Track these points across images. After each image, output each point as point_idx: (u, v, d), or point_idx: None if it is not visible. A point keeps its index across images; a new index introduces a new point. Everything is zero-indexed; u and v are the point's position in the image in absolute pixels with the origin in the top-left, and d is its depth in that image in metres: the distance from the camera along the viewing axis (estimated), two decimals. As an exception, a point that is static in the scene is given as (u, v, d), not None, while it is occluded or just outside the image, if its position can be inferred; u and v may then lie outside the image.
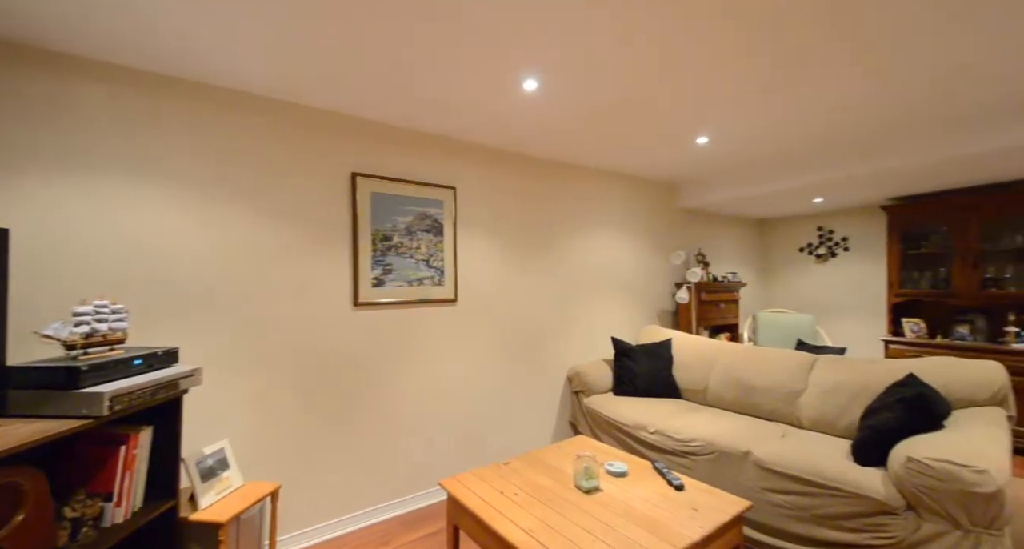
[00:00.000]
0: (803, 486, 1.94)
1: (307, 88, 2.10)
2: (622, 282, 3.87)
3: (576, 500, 1.72)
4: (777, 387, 2.65)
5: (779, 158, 3.41)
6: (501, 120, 2.54)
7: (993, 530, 1.52)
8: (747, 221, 5.35)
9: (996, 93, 2.25)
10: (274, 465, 2.19)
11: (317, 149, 2.34)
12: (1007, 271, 3.50)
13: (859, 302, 4.61)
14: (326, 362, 2.34)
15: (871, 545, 1.74)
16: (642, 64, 1.92)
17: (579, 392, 3.24)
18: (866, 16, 1.59)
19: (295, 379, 2.25)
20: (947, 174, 3.15)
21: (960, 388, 2.13)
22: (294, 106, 2.28)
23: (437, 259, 2.72)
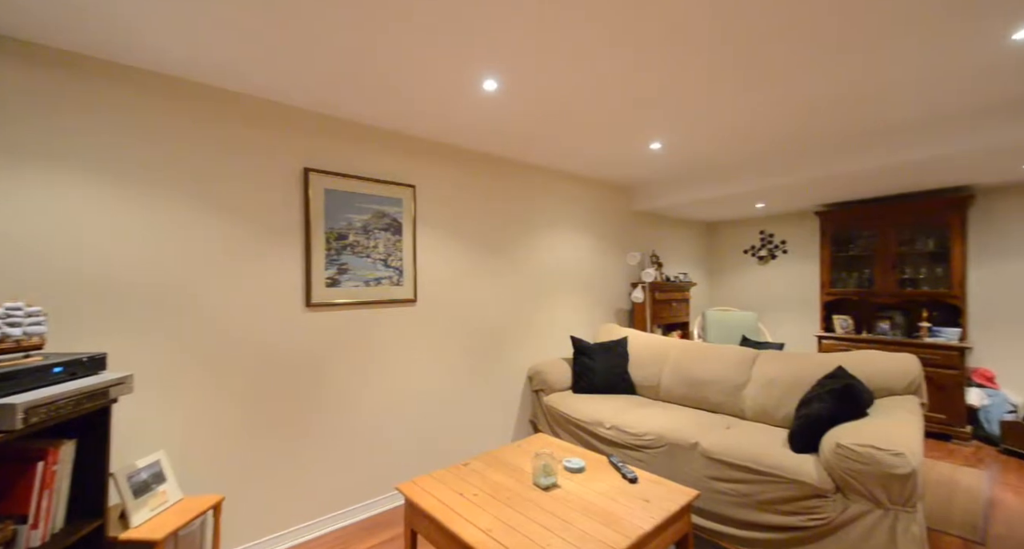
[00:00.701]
0: (745, 474, 2.07)
1: (254, 78, 1.99)
2: (581, 282, 3.95)
3: (535, 498, 1.75)
4: (723, 381, 2.81)
5: (726, 166, 3.60)
6: (462, 119, 2.53)
7: (908, 507, 1.68)
8: (697, 224, 5.62)
9: (908, 111, 2.49)
10: (218, 476, 2.06)
11: (268, 142, 2.22)
12: (921, 272, 3.89)
13: (796, 300, 4.97)
14: (276, 365, 2.23)
15: (805, 527, 1.89)
16: (599, 72, 1.97)
17: (539, 391, 3.28)
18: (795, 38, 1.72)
19: (241, 384, 2.13)
20: (869, 183, 3.45)
21: (881, 379, 2.35)
22: (243, 97, 2.15)
23: (396, 259, 2.66)
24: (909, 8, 1.54)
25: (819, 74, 2.03)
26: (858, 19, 1.61)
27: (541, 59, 1.87)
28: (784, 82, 2.10)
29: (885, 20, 1.62)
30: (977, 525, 2.28)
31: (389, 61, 1.87)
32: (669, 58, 1.87)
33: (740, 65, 1.94)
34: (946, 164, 2.86)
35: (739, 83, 2.11)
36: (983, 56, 1.88)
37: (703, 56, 1.86)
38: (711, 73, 2.01)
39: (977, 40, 1.75)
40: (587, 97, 2.25)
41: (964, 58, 1.89)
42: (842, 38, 1.73)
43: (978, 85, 2.16)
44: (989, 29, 1.67)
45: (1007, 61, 1.92)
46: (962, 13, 1.57)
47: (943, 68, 1.98)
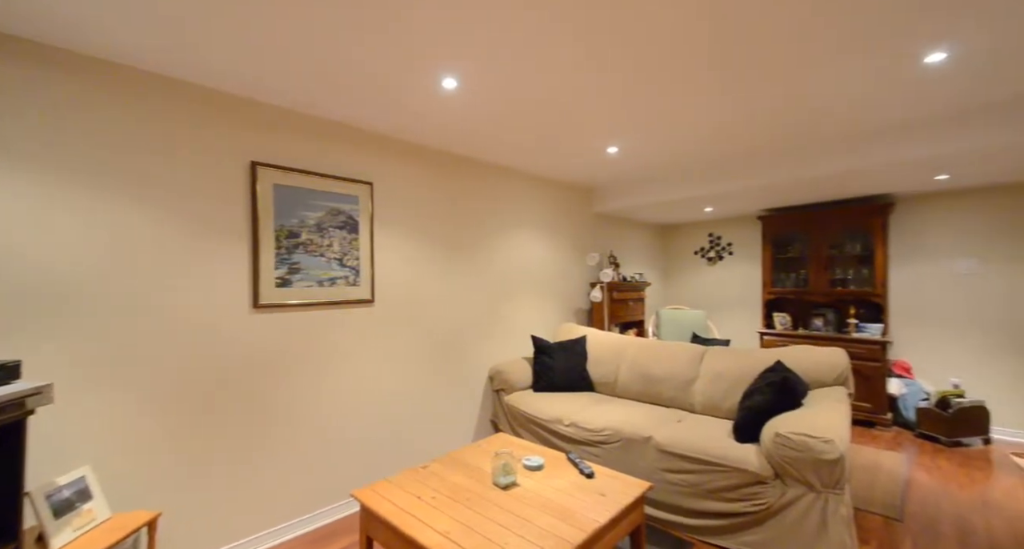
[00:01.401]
0: (694, 465, 2.18)
1: (198, 66, 1.87)
2: (542, 282, 4.00)
3: (494, 497, 1.75)
4: (674, 377, 2.94)
5: (677, 171, 3.77)
6: (422, 117, 2.49)
7: (837, 490, 1.83)
8: (652, 226, 5.84)
9: (838, 126, 2.72)
10: (155, 490, 1.91)
11: (212, 134, 2.09)
12: (849, 273, 4.24)
13: (741, 299, 5.28)
14: (221, 370, 2.11)
15: (748, 512, 2.01)
16: (557, 76, 2.00)
17: (500, 390, 3.29)
18: (741, 57, 1.83)
19: (182, 391, 1.99)
20: (805, 191, 3.73)
21: (814, 371, 2.54)
22: (184, 84, 2.01)
23: (352, 258, 2.58)
24: (838, 33, 1.68)
25: (761, 90, 2.16)
26: (795, 43, 1.73)
27: (500, 59, 1.87)
28: (730, 96, 2.23)
29: (817, 45, 1.75)
30: (896, 504, 2.52)
31: (343, 54, 1.81)
32: (624, 68, 1.94)
33: (690, 78, 2.03)
34: (871, 174, 3.13)
35: (690, 95, 2.22)
36: (900, 77, 2.08)
37: (656, 68, 1.94)
38: (663, 85, 2.10)
39: (895, 63, 1.93)
40: (546, 100, 2.28)
41: (884, 79, 2.08)
42: (783, 58, 1.86)
43: (896, 103, 2.39)
44: (905, 53, 1.85)
45: (920, 82, 2.13)
46: (881, 39, 1.73)
47: (867, 88, 2.17)
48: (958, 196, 3.81)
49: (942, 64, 1.94)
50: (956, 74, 2.04)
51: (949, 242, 3.85)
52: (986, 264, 3.67)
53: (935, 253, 3.92)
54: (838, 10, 1.55)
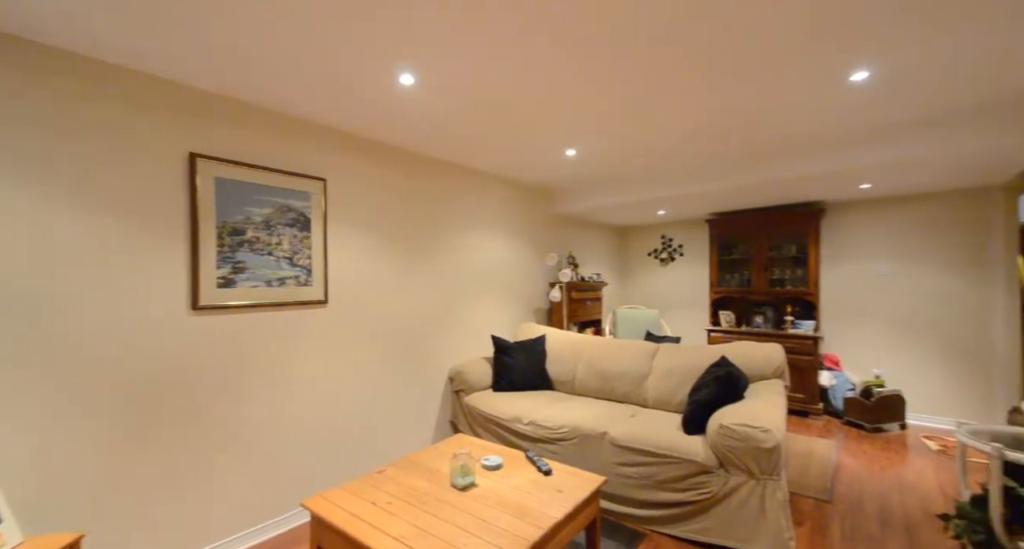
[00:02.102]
0: (646, 457, 2.26)
1: (134, 49, 1.72)
2: (503, 282, 4.01)
3: (451, 499, 1.74)
4: (629, 373, 3.04)
5: (632, 176, 3.90)
6: (379, 112, 2.43)
7: (774, 476, 1.97)
8: (610, 228, 6.01)
9: (775, 137, 2.92)
10: (79, 510, 1.74)
11: (144, 122, 1.93)
12: (786, 274, 4.57)
13: (690, 298, 5.54)
14: (154, 377, 1.95)
15: (695, 501, 2.11)
16: (517, 77, 2.02)
17: (460, 391, 3.27)
18: (691, 67, 1.92)
19: (110, 401, 1.83)
20: (747, 196, 3.97)
21: (755, 366, 2.71)
22: (109, 67, 1.85)
23: (303, 257, 2.48)
24: (773, 50, 1.80)
25: (707, 102, 2.28)
26: (735, 58, 1.84)
27: (459, 57, 1.86)
28: (680, 107, 2.33)
29: (754, 61, 1.87)
30: (827, 487, 2.74)
31: (292, 43, 1.73)
32: (579, 75, 1.98)
33: (642, 88, 2.11)
34: (805, 182, 3.39)
35: (641, 104, 2.30)
36: (829, 93, 2.26)
37: (609, 77, 2.00)
38: (616, 93, 2.16)
39: (825, 80, 2.10)
40: (504, 101, 2.29)
41: (816, 94, 2.26)
42: (725, 72, 1.97)
43: (828, 117, 2.59)
44: (832, 71, 2.02)
45: (847, 98, 2.33)
46: (811, 57, 1.88)
47: (801, 102, 2.34)
48: (879, 204, 4.19)
49: (865, 82, 2.13)
50: (878, 92, 2.25)
51: (871, 246, 4.23)
52: (901, 266, 4.07)
53: (859, 255, 4.29)
54: (771, 30, 1.67)
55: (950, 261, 3.84)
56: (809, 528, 2.29)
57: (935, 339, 3.90)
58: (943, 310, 3.86)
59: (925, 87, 2.20)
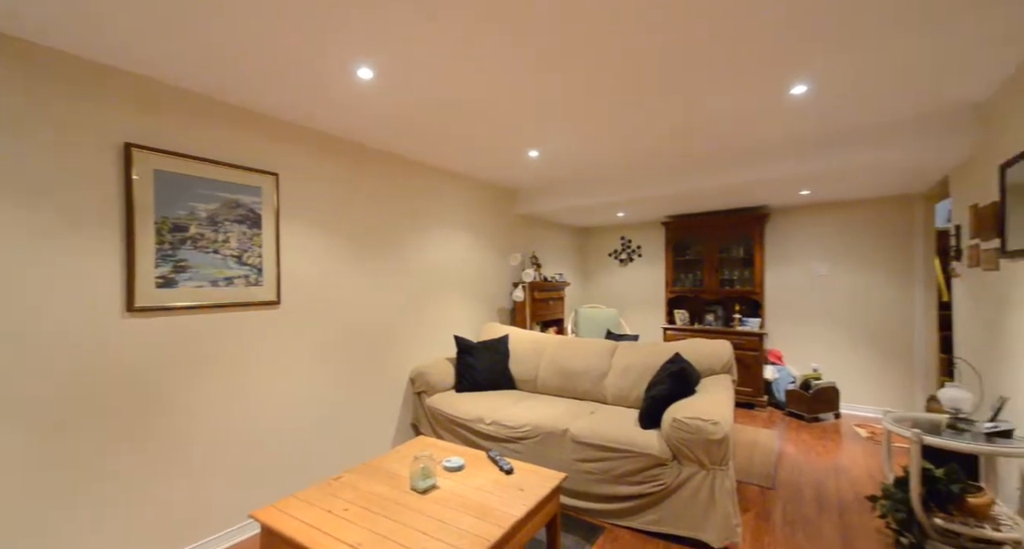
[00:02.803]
0: (605, 452, 2.32)
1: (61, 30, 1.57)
2: (466, 282, 3.98)
3: (412, 503, 1.71)
4: (589, 371, 3.11)
5: (594, 178, 3.99)
6: (336, 106, 2.35)
7: (723, 466, 2.07)
8: (572, 229, 6.11)
9: (725, 145, 3.08)
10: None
11: (75, 109, 1.77)
12: (735, 274, 4.82)
13: (648, 297, 5.74)
14: (84, 384, 1.79)
15: (651, 492, 2.19)
16: (479, 76, 2.01)
17: (422, 392, 3.21)
18: (651, 74, 1.99)
19: (29, 413, 1.66)
20: (699, 200, 4.16)
21: (706, 361, 2.85)
22: (41, 50, 1.68)
23: (253, 255, 2.35)
24: (723, 63, 1.90)
25: (664, 109, 2.37)
26: (690, 70, 1.93)
27: (419, 54, 1.83)
28: (639, 112, 2.41)
29: (707, 73, 1.96)
30: (770, 474, 2.91)
31: (244, 31, 1.64)
32: (543, 78, 2.00)
33: (604, 93, 2.16)
34: (751, 187, 3.59)
35: (603, 108, 2.36)
36: (773, 104, 2.40)
37: (572, 80, 2.03)
38: (579, 97, 2.21)
39: (769, 92, 2.24)
40: (467, 99, 2.28)
41: (762, 105, 2.40)
42: (680, 82, 2.05)
43: (772, 127, 2.76)
44: (774, 84, 2.15)
45: (788, 110, 2.49)
46: (757, 70, 2.00)
47: (749, 112, 2.48)
48: (817, 209, 4.52)
49: (804, 96, 2.28)
50: (815, 106, 2.42)
51: (810, 248, 4.55)
52: (836, 267, 4.40)
53: (799, 257, 4.61)
54: (722, 42, 1.76)
55: (878, 262, 4.20)
56: (754, 514, 2.43)
57: (865, 334, 4.24)
58: (872, 308, 4.22)
59: (855, 103, 2.39)
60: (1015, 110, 2.06)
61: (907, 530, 2.02)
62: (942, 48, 1.84)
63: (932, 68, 2.01)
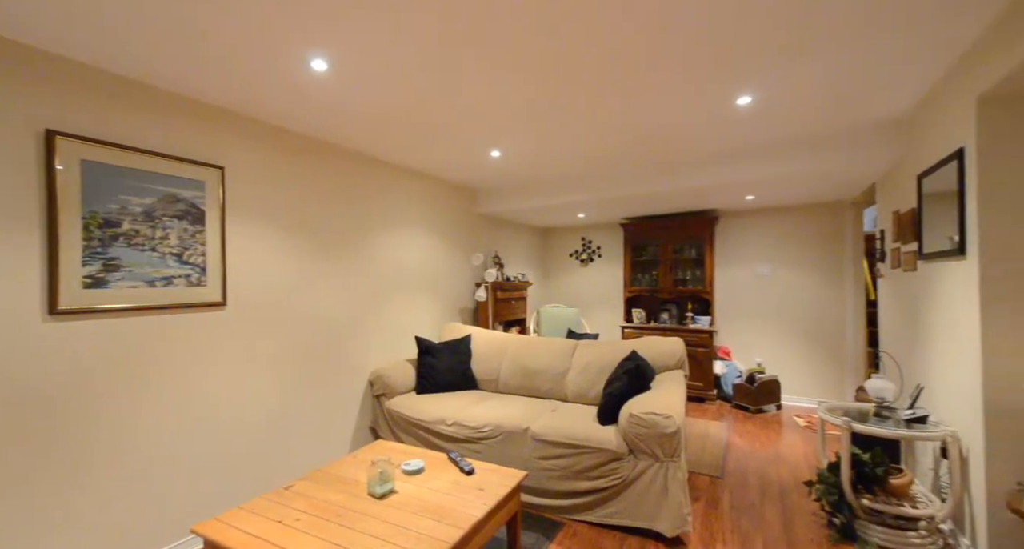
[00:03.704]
0: (565, 449, 2.36)
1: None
2: (427, 282, 3.92)
3: (369, 508, 1.66)
4: (550, 370, 3.15)
5: (555, 179, 4.04)
6: (289, 98, 2.24)
7: (675, 458, 2.16)
8: (534, 229, 6.17)
9: (678, 151, 3.21)
10: None
11: (-24, 86, 1.59)
12: (688, 274, 5.05)
13: (607, 296, 5.89)
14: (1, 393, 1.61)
15: (608, 486, 2.25)
16: (440, 71, 1.99)
17: (381, 395, 3.14)
18: (609, 79, 2.05)
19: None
20: (655, 203, 4.32)
21: (660, 358, 2.96)
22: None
23: (196, 253, 2.21)
24: (675, 73, 1.98)
25: (622, 115, 2.44)
26: (644, 75, 2.00)
27: (377, 47, 1.79)
28: (599, 117, 2.47)
29: (659, 79, 2.04)
30: (719, 464, 3.07)
31: (182, 11, 1.54)
32: (503, 77, 2.01)
33: (564, 96, 2.20)
34: (701, 192, 3.77)
35: (565, 111, 2.39)
36: (721, 114, 2.53)
37: (533, 83, 2.05)
38: (540, 99, 2.23)
39: (717, 102, 2.35)
40: (426, 97, 2.25)
41: (711, 114, 2.52)
42: (636, 91, 2.12)
43: (719, 135, 2.91)
44: (721, 95, 2.27)
45: (735, 119, 2.63)
46: (704, 82, 2.10)
47: (699, 121, 2.60)
48: (761, 213, 4.81)
49: (749, 106, 2.42)
50: (759, 116, 2.57)
51: (755, 249, 4.84)
52: (777, 268, 4.71)
53: (745, 258, 4.88)
54: (674, 54, 1.83)
55: (814, 264, 4.52)
56: (704, 502, 2.55)
57: (803, 330, 4.56)
58: (809, 306, 4.54)
59: (794, 115, 2.56)
60: (930, 124, 2.28)
61: (839, 511, 2.19)
62: (870, 66, 2.00)
63: (861, 85, 2.19)
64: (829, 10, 1.57)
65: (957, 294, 1.99)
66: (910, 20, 1.65)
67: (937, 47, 1.85)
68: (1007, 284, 1.77)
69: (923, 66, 2.01)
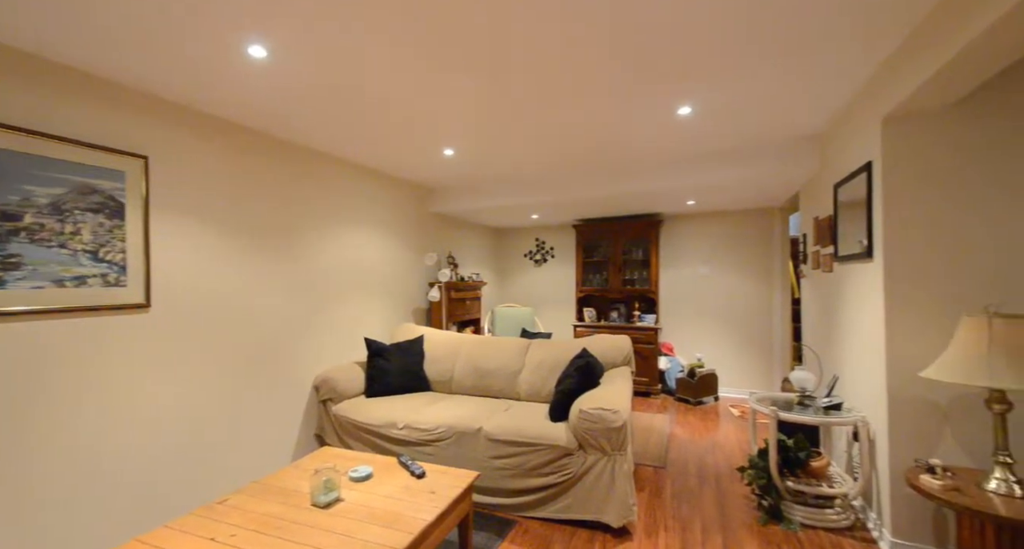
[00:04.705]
0: (517, 448, 2.38)
1: None
2: (379, 282, 3.81)
3: (312, 519, 1.59)
4: (504, 369, 3.16)
5: (509, 180, 4.07)
6: (224, 85, 2.09)
7: (622, 451, 2.24)
8: (488, 229, 6.17)
9: (624, 158, 3.34)
10: None
11: None
12: (635, 274, 5.26)
13: (561, 296, 6.02)
14: None
15: (559, 482, 2.30)
16: (387, 68, 1.94)
17: (327, 400, 3.01)
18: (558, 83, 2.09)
19: None
20: (605, 205, 4.47)
21: (609, 355, 3.06)
22: None
23: (114, 251, 2.01)
24: (621, 80, 2.06)
25: (572, 119, 2.50)
26: (591, 82, 2.06)
27: (319, 37, 1.71)
28: (549, 120, 2.51)
29: (605, 84, 2.12)
30: (662, 455, 3.22)
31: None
32: (454, 76, 2.00)
33: (515, 95, 2.22)
34: (647, 196, 3.94)
35: (516, 111, 2.42)
36: (665, 122, 2.67)
37: (483, 83, 2.05)
38: (492, 98, 2.23)
39: (661, 111, 2.47)
40: (375, 91, 2.18)
41: (656, 122, 2.65)
42: (584, 97, 2.18)
43: (662, 143, 3.06)
44: (664, 104, 2.39)
45: (677, 128, 2.78)
46: (648, 93, 2.20)
47: (645, 128, 2.72)
48: (700, 217, 5.10)
49: (689, 116, 2.57)
50: (698, 126, 2.73)
51: (695, 251, 5.13)
52: (715, 269, 5.02)
53: (687, 259, 5.17)
54: (620, 65, 1.91)
55: (747, 265, 4.87)
56: (648, 492, 2.67)
57: (737, 327, 4.90)
58: (742, 304, 4.88)
59: (728, 127, 2.75)
60: (844, 140, 2.53)
61: (767, 494, 2.37)
62: (793, 87, 2.19)
63: (786, 103, 2.39)
64: (754, 34, 1.70)
65: (866, 293, 2.22)
66: (823, 48, 1.82)
67: (845, 75, 2.06)
68: (907, 284, 1.99)
69: (837, 89, 2.23)
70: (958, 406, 1.91)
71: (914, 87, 1.71)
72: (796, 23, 1.64)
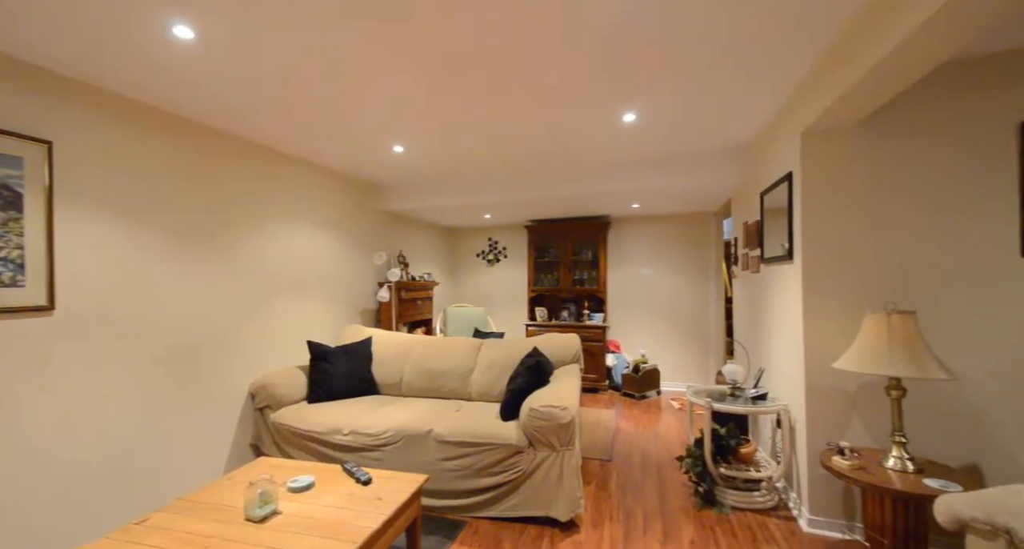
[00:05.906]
0: (467, 449, 2.37)
1: None
2: (325, 282, 3.64)
3: (245, 535, 1.49)
4: (455, 370, 3.14)
5: (460, 179, 4.04)
6: (146, 68, 1.91)
7: (570, 446, 2.30)
8: (440, 228, 6.09)
9: (570, 159, 3.43)
10: None
11: None
12: (585, 274, 5.41)
13: (513, 296, 6.06)
14: None
15: (509, 480, 2.31)
16: (333, 63, 1.86)
17: (265, 407, 2.83)
18: (509, 84, 2.11)
19: None
20: (555, 206, 4.56)
21: (559, 354, 3.13)
22: None
23: (9, 246, 1.77)
24: (572, 86, 2.12)
25: (522, 120, 2.53)
26: (536, 89, 2.10)
27: (253, 19, 1.61)
28: (500, 120, 2.53)
29: (553, 90, 2.16)
30: (608, 448, 3.34)
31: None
32: (405, 72, 1.95)
33: (468, 95, 2.21)
34: (594, 198, 4.07)
35: (469, 111, 2.41)
36: (611, 128, 2.76)
37: (437, 80, 2.03)
38: (445, 97, 2.21)
39: (607, 116, 2.56)
40: (317, 80, 2.09)
41: (603, 127, 2.74)
42: (533, 100, 2.22)
43: (609, 147, 3.17)
44: (610, 110, 2.48)
45: (622, 134, 2.89)
46: (593, 98, 2.27)
47: (593, 133, 2.81)
48: (645, 220, 5.34)
49: (634, 123, 2.68)
50: (641, 132, 2.86)
51: (639, 253, 5.36)
52: (657, 269, 5.28)
53: (632, 260, 5.40)
54: (566, 70, 1.96)
55: (685, 265, 5.16)
56: (595, 485, 2.76)
57: (677, 324, 5.18)
58: (681, 302, 5.17)
59: (667, 134, 2.90)
60: (769, 151, 2.75)
61: (703, 481, 2.53)
62: (723, 100, 2.35)
63: (719, 115, 2.56)
64: (686, 50, 1.81)
65: (787, 292, 2.43)
66: (749, 65, 1.97)
67: (767, 91, 2.24)
68: (822, 284, 2.20)
69: (762, 105, 2.42)
70: (864, 393, 2.14)
71: (827, 104, 1.89)
72: (727, 39, 1.77)
